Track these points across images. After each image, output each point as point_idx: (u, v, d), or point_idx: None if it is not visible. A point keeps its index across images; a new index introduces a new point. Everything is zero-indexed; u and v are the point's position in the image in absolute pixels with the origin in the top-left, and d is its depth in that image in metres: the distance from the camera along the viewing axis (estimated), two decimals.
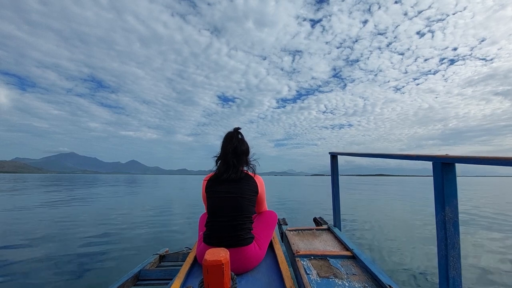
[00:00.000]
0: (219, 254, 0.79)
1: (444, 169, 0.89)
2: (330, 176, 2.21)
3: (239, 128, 1.58)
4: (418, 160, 1.00)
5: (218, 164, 1.54)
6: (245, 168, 1.56)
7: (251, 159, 1.59)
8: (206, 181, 1.52)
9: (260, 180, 1.56)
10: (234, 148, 1.50)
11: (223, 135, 1.58)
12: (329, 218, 2.47)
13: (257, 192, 1.50)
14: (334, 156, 2.12)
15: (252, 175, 1.52)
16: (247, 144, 1.58)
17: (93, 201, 10.17)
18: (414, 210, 8.49)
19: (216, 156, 1.55)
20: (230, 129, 1.59)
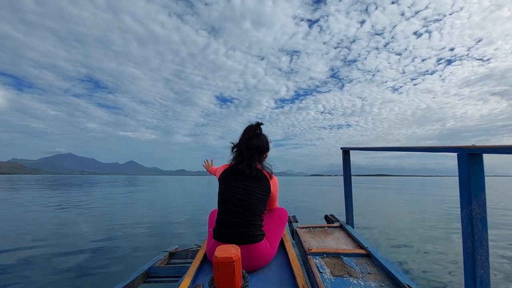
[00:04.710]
0: (230, 251, 0.76)
1: (470, 160, 0.82)
2: (329, 177, 2.15)
3: (261, 123, 1.54)
4: (442, 152, 0.93)
5: (234, 154, 1.52)
6: (260, 166, 1.52)
7: (265, 161, 1.55)
8: (223, 170, 1.51)
9: (274, 180, 1.53)
10: (248, 139, 1.47)
11: (222, 135, 1.56)
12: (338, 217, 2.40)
13: (269, 191, 1.47)
14: (346, 152, 2.04)
15: (268, 174, 1.49)
16: (264, 140, 1.52)
17: (95, 201, 10.11)
18: (421, 209, 8.28)
19: (232, 143, 1.54)
20: (226, 128, 1.55)
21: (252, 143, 1.47)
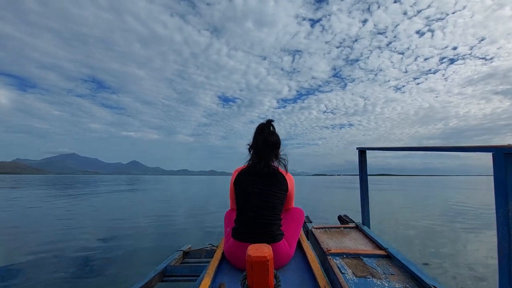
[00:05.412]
0: (263, 250, 0.75)
1: (507, 160, 0.81)
2: (331, 176, 2.11)
3: (272, 121, 1.54)
4: (475, 151, 0.91)
5: (251, 154, 1.51)
6: (276, 163, 1.52)
7: (281, 154, 1.54)
8: (236, 174, 1.49)
9: (290, 178, 1.51)
10: (264, 138, 1.46)
11: (224, 135, 1.54)
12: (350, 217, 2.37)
13: (287, 190, 1.46)
14: (362, 152, 2.03)
15: (284, 172, 1.48)
16: (278, 137, 1.53)
17: (97, 202, 10.05)
18: (434, 209, 8.17)
19: (249, 144, 1.53)
20: (229, 128, 1.54)
21: (270, 140, 1.47)
